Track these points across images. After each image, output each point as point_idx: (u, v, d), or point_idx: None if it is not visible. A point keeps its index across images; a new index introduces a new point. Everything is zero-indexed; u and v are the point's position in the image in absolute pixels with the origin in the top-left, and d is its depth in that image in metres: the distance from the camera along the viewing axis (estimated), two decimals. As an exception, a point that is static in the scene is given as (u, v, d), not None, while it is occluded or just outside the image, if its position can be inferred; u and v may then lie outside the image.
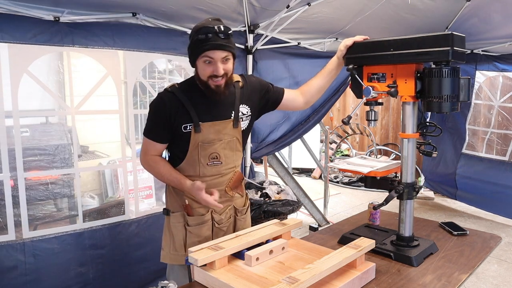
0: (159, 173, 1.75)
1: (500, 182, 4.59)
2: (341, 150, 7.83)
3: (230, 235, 1.60)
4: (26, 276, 2.30)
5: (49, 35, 2.28)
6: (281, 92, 1.90)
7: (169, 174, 1.72)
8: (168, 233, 1.80)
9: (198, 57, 1.61)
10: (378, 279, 1.48)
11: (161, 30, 2.76)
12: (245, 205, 1.91)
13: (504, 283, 3.29)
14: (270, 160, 3.99)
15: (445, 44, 1.43)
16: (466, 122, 4.99)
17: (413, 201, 1.68)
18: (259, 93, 1.84)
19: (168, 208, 1.81)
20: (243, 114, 1.78)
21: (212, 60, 1.59)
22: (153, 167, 1.76)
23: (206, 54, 1.58)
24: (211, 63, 1.60)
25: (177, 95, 1.66)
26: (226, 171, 1.78)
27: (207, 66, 1.60)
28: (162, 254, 1.81)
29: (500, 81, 4.80)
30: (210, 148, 1.70)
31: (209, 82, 1.63)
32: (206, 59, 1.59)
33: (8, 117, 2.21)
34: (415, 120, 1.62)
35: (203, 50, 1.57)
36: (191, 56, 1.66)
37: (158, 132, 1.71)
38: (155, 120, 1.70)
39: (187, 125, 1.66)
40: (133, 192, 2.78)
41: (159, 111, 1.67)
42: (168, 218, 1.80)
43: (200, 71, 1.64)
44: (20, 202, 2.28)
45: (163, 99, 1.67)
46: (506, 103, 4.75)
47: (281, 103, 1.91)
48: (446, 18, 3.63)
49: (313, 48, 3.85)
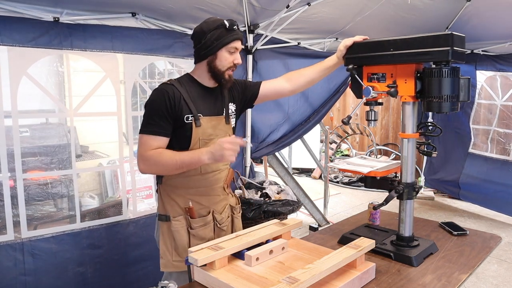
0: (164, 161, 1.58)
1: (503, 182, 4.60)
2: (341, 150, 7.83)
3: (230, 235, 1.59)
4: (25, 276, 2.30)
5: (48, 38, 2.28)
6: (257, 86, 1.92)
7: (178, 155, 1.57)
8: (167, 239, 1.74)
9: (223, 46, 1.66)
10: (378, 279, 1.48)
11: (160, 32, 2.76)
12: (238, 203, 1.96)
13: (504, 283, 3.29)
14: (270, 160, 3.99)
15: (445, 44, 1.43)
16: (470, 122, 5.00)
17: (413, 201, 1.67)
18: (239, 91, 1.89)
19: (166, 214, 1.75)
20: (232, 112, 1.83)
21: (235, 51, 1.69)
22: (155, 159, 1.59)
23: (233, 44, 1.67)
24: (233, 53, 1.69)
25: (177, 87, 1.66)
26: (223, 167, 1.81)
27: (230, 56, 1.68)
28: (162, 262, 1.75)
29: (498, 80, 4.81)
30: (210, 143, 1.71)
31: (226, 72, 1.70)
32: (231, 49, 1.67)
33: (7, 117, 2.21)
34: (415, 120, 1.62)
35: (232, 39, 1.66)
36: (210, 48, 1.66)
37: (160, 124, 1.62)
38: (156, 112, 1.62)
39: (188, 116, 1.66)
40: (131, 192, 2.79)
41: (161, 101, 1.62)
42: (166, 224, 1.74)
43: (221, 60, 1.68)
44: (18, 202, 2.28)
45: (165, 89, 1.64)
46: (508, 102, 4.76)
47: (262, 95, 1.92)
48: (446, 18, 3.63)
49: (313, 48, 3.85)
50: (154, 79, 4.94)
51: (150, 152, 1.61)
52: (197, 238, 1.72)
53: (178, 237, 1.72)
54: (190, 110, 1.66)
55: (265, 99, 1.96)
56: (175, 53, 2.85)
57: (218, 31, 1.64)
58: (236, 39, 1.67)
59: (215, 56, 1.67)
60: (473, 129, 5.03)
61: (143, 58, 2.70)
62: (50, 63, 3.62)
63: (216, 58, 1.67)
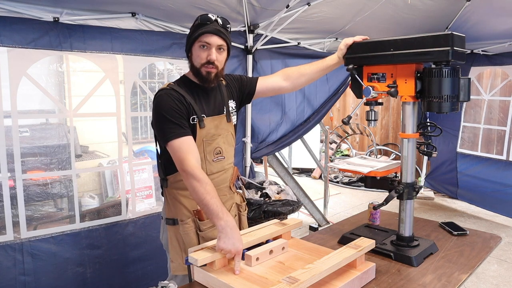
0: (206, 191, 1.50)
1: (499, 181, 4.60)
2: (341, 150, 7.83)
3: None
4: (24, 276, 2.31)
5: (48, 39, 2.28)
6: (254, 83, 1.89)
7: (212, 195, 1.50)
8: (176, 243, 1.72)
9: (194, 42, 1.62)
10: (378, 279, 1.47)
11: (159, 33, 2.76)
12: (243, 201, 1.95)
13: (504, 283, 3.28)
14: (270, 160, 3.99)
15: (445, 44, 1.43)
16: (461, 120, 5.00)
17: (413, 201, 1.67)
18: (236, 87, 1.87)
19: (173, 218, 1.73)
20: (232, 109, 1.82)
21: (208, 46, 1.61)
22: (200, 179, 1.50)
23: (202, 39, 1.60)
24: (206, 49, 1.61)
25: (177, 90, 1.64)
26: (228, 166, 1.80)
27: (202, 52, 1.62)
28: (173, 266, 1.73)
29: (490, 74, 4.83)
30: (213, 143, 1.70)
31: (201, 69, 1.64)
32: (202, 44, 1.61)
33: (7, 117, 2.21)
34: (415, 120, 1.62)
35: (200, 34, 1.59)
36: (187, 44, 1.66)
37: (181, 124, 1.58)
38: (172, 114, 1.57)
39: (194, 117, 1.65)
40: (131, 192, 2.79)
41: (172, 104, 1.58)
42: (174, 228, 1.73)
43: (194, 57, 1.64)
44: (18, 203, 2.28)
45: (169, 93, 1.62)
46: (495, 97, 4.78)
47: (259, 92, 1.90)
48: (446, 18, 3.63)
49: (313, 48, 3.85)
50: (153, 80, 4.94)
51: (192, 165, 1.52)
52: (207, 239, 1.69)
53: (188, 240, 1.70)
54: (194, 111, 1.64)
55: (262, 96, 1.95)
56: (174, 54, 2.85)
57: (194, 25, 1.63)
58: (205, 33, 1.59)
59: (191, 53, 1.65)
60: (464, 127, 5.04)
61: (142, 59, 2.70)
62: (50, 63, 3.61)
63: (192, 54, 1.65)
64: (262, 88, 1.89)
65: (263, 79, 1.91)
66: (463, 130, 5.03)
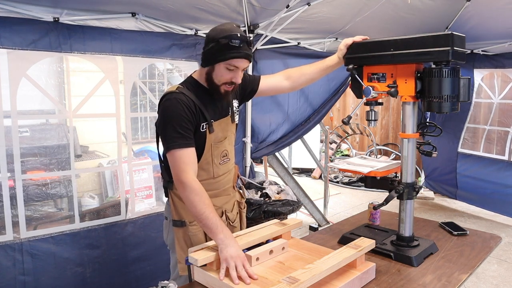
0: (206, 205, 1.49)
1: (499, 182, 4.60)
2: (341, 150, 7.83)
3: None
4: (24, 276, 2.31)
5: (47, 40, 2.28)
6: (256, 82, 1.88)
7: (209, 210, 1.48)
8: (184, 244, 1.71)
9: (221, 62, 1.55)
10: (378, 279, 1.47)
11: (159, 34, 2.76)
12: (242, 197, 1.96)
13: (504, 283, 3.28)
14: (270, 160, 3.99)
15: (445, 44, 1.43)
16: (466, 121, 4.99)
17: (413, 201, 1.67)
18: (239, 85, 1.81)
19: (181, 220, 1.71)
20: (236, 109, 1.81)
21: (235, 69, 1.57)
22: (199, 193, 1.49)
23: (232, 62, 1.55)
24: (233, 71, 1.57)
25: (187, 95, 1.58)
26: (232, 167, 1.81)
27: (228, 73, 1.57)
28: (181, 267, 1.70)
29: (495, 77, 4.81)
30: (221, 146, 1.70)
31: (221, 87, 1.61)
32: (230, 66, 1.56)
33: (7, 117, 2.21)
34: (415, 120, 1.62)
35: (232, 57, 1.53)
36: (210, 58, 1.58)
37: (187, 134, 1.54)
38: (180, 122, 1.53)
39: (203, 125, 1.62)
40: (130, 192, 2.79)
41: (181, 111, 1.54)
42: (182, 230, 1.71)
43: (217, 75, 1.59)
44: (18, 203, 2.28)
45: (179, 98, 1.55)
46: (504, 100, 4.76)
47: (261, 91, 1.89)
48: (446, 18, 3.63)
49: (313, 48, 3.85)
50: (153, 80, 4.94)
51: (190, 178, 1.50)
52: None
53: (196, 241, 1.68)
54: (205, 117, 1.62)
55: (263, 95, 1.95)
56: (174, 55, 2.85)
57: (221, 43, 1.52)
58: (237, 57, 1.54)
59: (213, 67, 1.58)
60: (469, 128, 5.02)
61: (142, 60, 2.70)
62: (50, 64, 3.61)
63: (213, 70, 1.59)
64: (264, 87, 1.89)
65: (266, 78, 1.91)
66: (466, 131, 5.02)
